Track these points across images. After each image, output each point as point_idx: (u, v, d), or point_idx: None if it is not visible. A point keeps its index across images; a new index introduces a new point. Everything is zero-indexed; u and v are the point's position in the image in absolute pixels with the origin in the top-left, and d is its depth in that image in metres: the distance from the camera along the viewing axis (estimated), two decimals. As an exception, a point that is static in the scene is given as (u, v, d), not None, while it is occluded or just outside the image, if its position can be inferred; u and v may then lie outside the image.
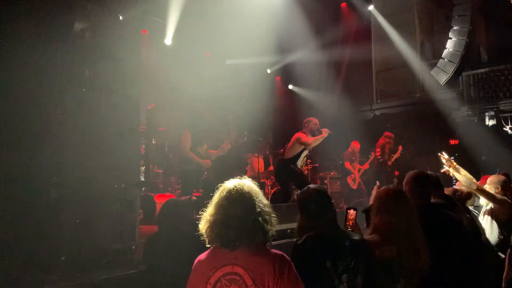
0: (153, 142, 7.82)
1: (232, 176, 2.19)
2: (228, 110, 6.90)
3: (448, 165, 4.43)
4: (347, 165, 8.83)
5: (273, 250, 1.99)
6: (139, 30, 4.76)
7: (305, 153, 6.54)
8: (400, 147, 8.98)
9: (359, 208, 3.02)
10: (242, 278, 1.88)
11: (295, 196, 5.77)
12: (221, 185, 2.10)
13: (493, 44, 11.95)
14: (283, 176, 6.58)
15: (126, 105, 4.10)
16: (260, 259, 1.91)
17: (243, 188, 2.06)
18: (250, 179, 2.14)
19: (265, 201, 2.07)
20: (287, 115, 12.27)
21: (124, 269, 3.35)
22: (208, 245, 2.01)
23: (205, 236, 1.99)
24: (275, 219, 2.07)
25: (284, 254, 1.99)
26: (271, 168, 8.96)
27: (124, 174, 3.97)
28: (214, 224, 1.97)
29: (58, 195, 3.51)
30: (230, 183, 2.08)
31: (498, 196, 4.14)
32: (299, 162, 6.45)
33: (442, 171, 4.65)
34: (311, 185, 2.53)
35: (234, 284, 1.88)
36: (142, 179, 6.79)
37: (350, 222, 2.95)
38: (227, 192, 2.03)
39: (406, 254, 2.52)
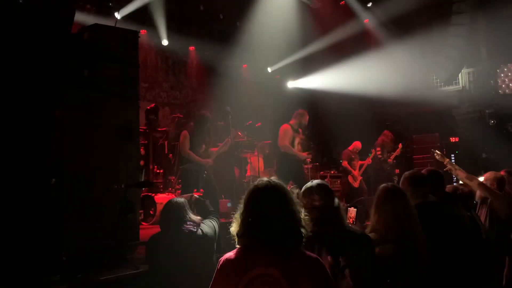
0: (153, 142, 7.82)
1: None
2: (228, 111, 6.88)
3: (442, 160, 4.49)
4: (345, 164, 8.81)
5: (308, 253, 1.91)
6: (138, 30, 4.75)
7: (297, 140, 6.52)
8: (400, 145, 8.97)
9: (359, 207, 3.02)
10: (276, 280, 1.78)
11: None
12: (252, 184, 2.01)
13: (493, 41, 11.92)
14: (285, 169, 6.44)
15: (126, 105, 4.10)
16: (295, 261, 1.82)
17: (277, 187, 1.97)
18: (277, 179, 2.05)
19: (297, 200, 2.00)
20: (288, 114, 12.24)
21: (124, 270, 3.35)
22: (237, 245, 1.91)
23: (235, 235, 1.90)
24: (307, 219, 2.02)
25: (319, 258, 1.92)
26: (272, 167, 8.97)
27: (124, 175, 3.97)
28: (248, 223, 1.88)
29: (58, 196, 3.51)
30: (262, 182, 1.98)
31: (499, 193, 4.14)
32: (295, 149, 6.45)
33: (445, 169, 4.65)
34: (315, 180, 2.53)
35: (267, 286, 1.78)
36: (143, 179, 6.79)
37: (351, 220, 2.95)
38: (261, 191, 1.94)
39: (405, 252, 2.52)
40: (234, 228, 1.91)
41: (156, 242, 2.91)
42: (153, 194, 7.00)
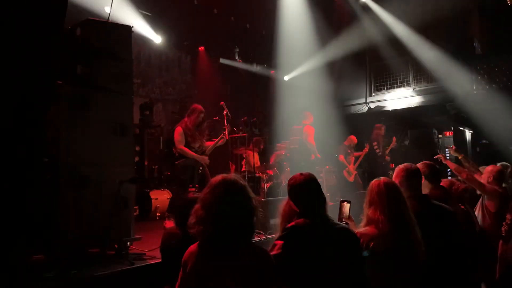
0: (148, 138, 7.80)
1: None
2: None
3: (457, 155, 4.61)
4: (341, 158, 8.84)
5: (256, 246, 2.03)
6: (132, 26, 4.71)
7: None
8: (395, 138, 8.98)
9: (353, 201, 3.03)
10: (226, 271, 1.89)
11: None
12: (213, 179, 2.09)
13: (487, 36, 11.95)
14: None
15: (119, 101, 4.07)
16: (244, 255, 1.94)
17: (237, 184, 2.04)
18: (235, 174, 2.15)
19: (253, 195, 2.08)
20: (282, 109, 12.25)
21: (119, 265, 3.34)
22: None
23: (194, 231, 1.98)
24: (261, 212, 2.09)
25: (267, 251, 2.05)
26: (271, 161, 8.98)
27: (119, 170, 3.95)
28: (202, 220, 1.96)
29: (52, 192, 3.49)
30: (221, 178, 2.06)
31: (488, 186, 4.17)
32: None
33: (435, 157, 4.73)
34: (302, 173, 2.53)
35: (217, 277, 1.89)
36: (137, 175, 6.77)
37: (344, 214, 2.95)
38: (218, 188, 2.01)
39: (401, 246, 2.53)
40: (191, 223, 2.01)
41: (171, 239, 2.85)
42: (148, 190, 7.00)
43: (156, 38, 8.93)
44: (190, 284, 1.94)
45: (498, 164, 4.65)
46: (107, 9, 7.14)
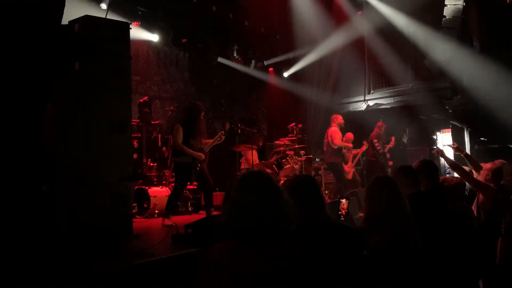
0: (146, 135, 7.79)
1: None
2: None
3: (459, 152, 4.65)
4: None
5: (293, 247, 1.91)
6: (130, 22, 4.70)
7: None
8: (393, 138, 9.01)
9: (352, 198, 3.03)
10: (262, 274, 1.76)
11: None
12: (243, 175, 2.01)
13: (485, 33, 11.95)
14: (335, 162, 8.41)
15: (118, 98, 4.06)
16: (282, 255, 1.83)
17: (270, 180, 1.94)
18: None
19: (283, 189, 1.98)
20: (280, 106, 12.27)
21: (117, 263, 3.34)
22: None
23: (226, 229, 1.87)
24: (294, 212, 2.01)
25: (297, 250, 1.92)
26: (272, 159, 8.99)
27: (117, 168, 3.95)
28: (243, 217, 1.84)
29: (50, 189, 3.48)
30: (255, 171, 1.98)
31: (482, 183, 4.17)
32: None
33: (433, 152, 4.77)
34: (300, 174, 2.53)
35: (250, 281, 1.75)
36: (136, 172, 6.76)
37: (343, 211, 2.96)
38: (252, 183, 1.90)
39: (399, 243, 2.53)
40: (223, 222, 1.89)
41: None
42: (146, 187, 6.99)
43: (153, 37, 8.90)
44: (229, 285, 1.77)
45: (496, 162, 4.65)
46: (103, 6, 7.12)
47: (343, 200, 3.00)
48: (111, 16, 6.59)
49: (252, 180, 1.92)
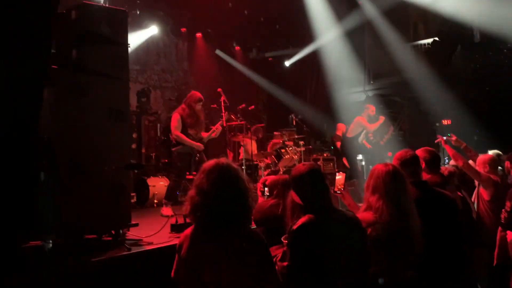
0: (145, 125, 7.76)
1: None
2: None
3: (458, 145, 4.65)
4: (339, 146, 8.84)
5: (251, 230, 2.07)
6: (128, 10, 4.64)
7: (363, 132, 8.44)
8: (392, 128, 8.96)
9: (351, 188, 2.99)
10: (214, 256, 1.91)
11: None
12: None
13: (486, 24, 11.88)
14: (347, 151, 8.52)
15: (116, 86, 4.02)
16: (236, 238, 1.95)
17: (231, 168, 2.05)
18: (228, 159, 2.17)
19: (246, 177, 2.10)
20: (281, 96, 12.23)
21: (116, 251, 3.33)
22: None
23: (189, 215, 2.01)
24: (267, 197, 2.09)
25: (259, 233, 2.07)
26: (268, 149, 8.97)
27: (115, 157, 3.92)
28: (198, 206, 1.97)
29: (48, 178, 3.46)
30: (214, 163, 2.06)
31: (483, 174, 4.18)
32: (360, 139, 8.47)
33: (436, 141, 4.74)
34: (306, 163, 2.50)
35: (205, 259, 1.91)
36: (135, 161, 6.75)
37: (341, 186, 2.90)
38: (212, 173, 2.01)
39: (399, 234, 2.51)
40: (185, 209, 2.03)
41: None
42: (145, 177, 6.98)
43: (152, 29, 8.86)
44: (185, 268, 1.95)
45: (490, 152, 4.67)
46: None
47: (340, 173, 2.94)
48: (109, 5, 6.52)
49: (216, 169, 2.03)
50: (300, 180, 2.36)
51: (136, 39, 8.59)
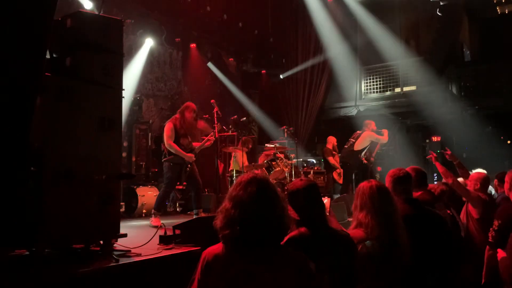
0: (136, 134, 7.73)
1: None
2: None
3: (452, 160, 4.68)
4: (331, 160, 8.87)
5: (291, 250, 1.91)
6: (123, 19, 4.65)
7: (367, 147, 8.25)
8: (379, 144, 8.98)
9: (340, 203, 3.01)
10: (260, 276, 1.75)
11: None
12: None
13: (477, 42, 12.11)
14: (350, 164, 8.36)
15: (109, 95, 4.01)
16: (279, 258, 1.81)
17: (267, 182, 1.91)
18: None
19: (282, 196, 1.94)
20: (272, 109, 12.28)
21: (104, 262, 3.29)
22: (221, 239, 1.86)
23: (219, 229, 1.84)
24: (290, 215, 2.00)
25: (302, 253, 1.90)
26: (260, 161, 8.97)
27: (106, 166, 3.89)
28: (235, 220, 1.81)
29: (36, 185, 3.42)
30: (252, 176, 1.91)
31: (473, 192, 4.21)
32: (362, 154, 8.21)
33: (427, 157, 4.77)
34: (303, 178, 2.51)
35: (251, 281, 1.75)
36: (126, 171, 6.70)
37: (326, 211, 2.93)
38: (250, 186, 1.86)
39: (389, 249, 2.53)
40: (218, 222, 1.86)
41: None
42: (135, 187, 6.93)
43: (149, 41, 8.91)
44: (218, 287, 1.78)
45: (479, 171, 4.71)
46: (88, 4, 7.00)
47: (324, 199, 2.97)
48: (105, 14, 6.52)
49: (256, 183, 1.88)
50: (295, 195, 2.37)
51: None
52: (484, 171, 4.80)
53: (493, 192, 5.08)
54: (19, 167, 3.42)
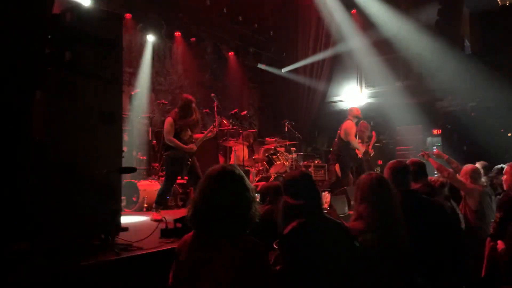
0: (137, 128, 7.73)
1: None
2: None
3: (441, 158, 4.72)
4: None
5: (252, 239, 1.99)
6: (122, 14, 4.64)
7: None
8: (374, 133, 8.93)
9: (340, 196, 3.03)
10: (217, 265, 1.86)
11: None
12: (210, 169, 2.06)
13: (477, 36, 12.05)
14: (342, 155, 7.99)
15: (108, 89, 4.00)
16: (238, 247, 1.91)
17: (235, 173, 2.01)
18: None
19: (250, 186, 2.04)
20: (274, 103, 12.26)
21: (105, 255, 3.30)
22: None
23: (190, 220, 1.97)
24: (259, 204, 2.07)
25: (261, 244, 1.99)
26: (256, 156, 8.96)
27: (106, 159, 3.89)
28: (199, 210, 1.95)
29: (38, 179, 3.43)
30: (220, 167, 2.03)
31: (468, 184, 4.26)
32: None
33: (418, 154, 4.84)
34: (297, 169, 2.54)
35: (207, 270, 1.86)
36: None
37: (326, 204, 2.96)
38: (212, 177, 1.98)
39: (388, 241, 2.54)
40: (188, 212, 1.99)
41: None
42: (136, 181, 6.94)
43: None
44: (183, 274, 1.91)
45: (478, 163, 4.76)
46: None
47: (325, 193, 3.00)
48: (104, 7, 6.51)
49: (223, 175, 2.00)
50: (292, 184, 2.42)
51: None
52: (484, 164, 4.82)
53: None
54: (20, 161, 3.43)
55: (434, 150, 5.13)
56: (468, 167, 4.51)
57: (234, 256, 1.87)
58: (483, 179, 4.47)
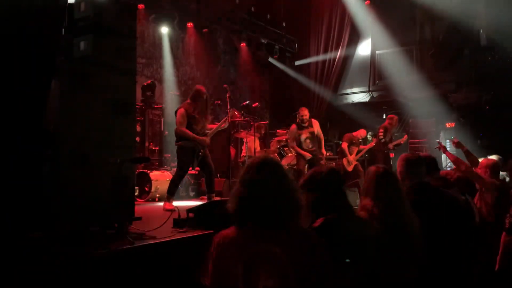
0: (149, 119, 7.77)
1: None
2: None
3: (459, 148, 4.67)
4: (344, 145, 8.81)
5: (304, 228, 1.93)
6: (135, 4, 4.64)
7: (303, 137, 7.69)
8: (406, 136, 8.98)
9: (353, 189, 3.00)
10: (277, 256, 1.75)
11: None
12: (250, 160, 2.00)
13: (493, 28, 11.83)
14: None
15: (122, 79, 4.02)
16: (294, 237, 1.83)
17: (277, 164, 1.94)
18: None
19: (292, 177, 1.98)
20: (285, 95, 12.21)
21: (119, 244, 3.34)
22: (234, 223, 1.88)
23: (235, 213, 1.87)
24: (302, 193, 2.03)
25: (315, 232, 1.94)
26: (271, 147, 8.97)
27: (120, 149, 3.92)
28: (248, 202, 1.85)
29: (52, 169, 3.47)
30: (263, 158, 1.95)
31: (486, 179, 4.19)
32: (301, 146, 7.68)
33: (435, 147, 4.77)
34: (323, 166, 2.53)
35: (268, 262, 1.75)
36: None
37: None
38: (261, 168, 1.89)
39: (396, 236, 2.50)
40: (232, 206, 1.88)
41: None
42: (148, 171, 6.99)
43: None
44: (235, 270, 1.76)
45: (492, 157, 4.68)
46: None
47: None
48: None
49: (267, 165, 1.91)
50: (321, 180, 2.38)
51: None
52: (499, 157, 4.76)
53: (507, 179, 5.05)
54: (35, 150, 3.47)
55: (453, 138, 5.02)
56: (488, 160, 4.44)
57: (292, 245, 1.79)
58: (502, 173, 4.41)
